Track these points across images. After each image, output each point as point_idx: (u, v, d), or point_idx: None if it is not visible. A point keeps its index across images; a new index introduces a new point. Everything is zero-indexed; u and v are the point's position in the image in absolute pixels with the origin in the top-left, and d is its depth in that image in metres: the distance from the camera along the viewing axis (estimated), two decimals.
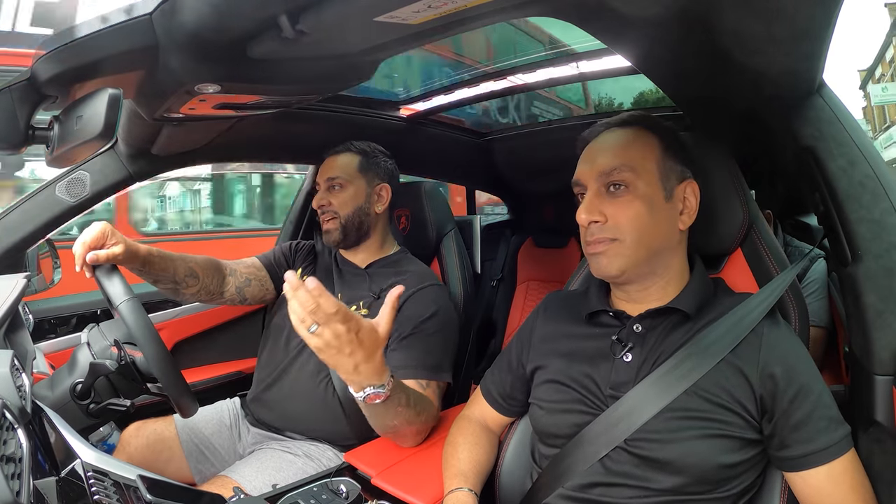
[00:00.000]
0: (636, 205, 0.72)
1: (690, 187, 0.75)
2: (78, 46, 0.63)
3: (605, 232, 0.73)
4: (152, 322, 0.89)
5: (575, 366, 0.77)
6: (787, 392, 0.66)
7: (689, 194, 0.75)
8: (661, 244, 0.74)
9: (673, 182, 0.74)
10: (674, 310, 0.74)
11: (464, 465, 0.84)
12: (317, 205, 1.24)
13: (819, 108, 0.75)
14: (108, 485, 0.58)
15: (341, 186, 1.23)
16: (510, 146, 1.98)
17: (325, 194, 1.24)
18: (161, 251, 1.10)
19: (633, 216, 0.72)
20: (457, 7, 0.57)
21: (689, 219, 0.75)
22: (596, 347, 0.77)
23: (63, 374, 0.91)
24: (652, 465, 0.68)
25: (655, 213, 0.72)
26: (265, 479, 1.03)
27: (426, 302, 1.14)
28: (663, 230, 0.73)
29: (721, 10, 0.59)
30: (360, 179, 1.24)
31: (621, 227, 0.72)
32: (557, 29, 1.24)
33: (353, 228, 1.23)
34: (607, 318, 0.79)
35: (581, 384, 0.76)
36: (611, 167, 0.73)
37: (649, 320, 0.75)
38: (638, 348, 0.74)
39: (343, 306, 0.71)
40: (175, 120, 0.89)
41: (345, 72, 0.81)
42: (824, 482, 0.65)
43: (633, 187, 0.72)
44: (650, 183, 0.72)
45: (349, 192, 1.23)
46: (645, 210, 0.72)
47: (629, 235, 0.72)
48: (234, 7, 0.58)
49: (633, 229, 0.72)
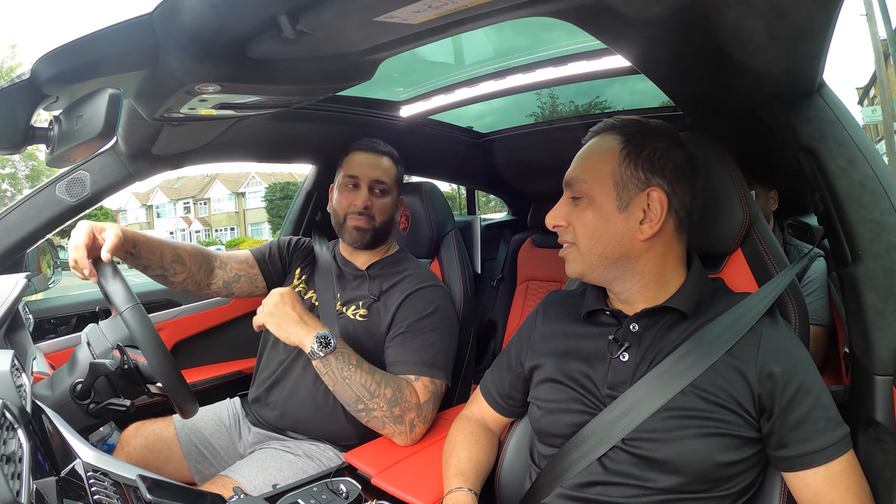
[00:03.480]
0: (588, 214, 0.75)
1: (656, 195, 0.72)
2: (78, 46, 0.63)
3: (566, 236, 0.77)
4: (153, 324, 0.90)
5: (573, 365, 0.78)
6: (787, 391, 0.66)
7: (655, 203, 0.72)
8: (618, 252, 0.74)
9: (631, 192, 0.73)
10: (670, 309, 0.74)
11: (463, 464, 0.84)
12: (361, 205, 1.20)
13: (819, 108, 0.75)
14: (108, 485, 0.58)
15: (384, 192, 1.23)
16: (510, 146, 1.98)
17: (369, 196, 1.21)
18: (148, 235, 1.10)
19: (585, 224, 0.75)
20: (457, 7, 0.57)
21: (650, 228, 0.72)
22: (593, 347, 0.78)
23: (63, 374, 0.91)
24: (650, 465, 0.68)
25: (608, 222, 0.73)
26: (265, 478, 1.03)
27: (425, 301, 1.15)
28: (616, 239, 0.73)
29: (721, 9, 0.59)
30: (395, 189, 1.26)
31: (577, 233, 0.76)
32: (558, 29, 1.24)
33: (383, 234, 1.25)
34: (605, 317, 0.80)
35: (579, 383, 0.76)
36: (571, 177, 0.77)
37: (646, 319, 0.75)
38: (634, 348, 0.74)
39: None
40: (175, 120, 0.89)
41: (345, 72, 0.81)
42: (822, 483, 0.65)
43: (588, 197, 0.75)
44: (602, 193, 0.74)
45: (389, 199, 1.24)
46: (595, 219, 0.74)
47: (582, 241, 0.75)
48: (234, 7, 0.58)
49: (584, 236, 0.75)
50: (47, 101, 0.69)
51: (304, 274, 1.30)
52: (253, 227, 32.12)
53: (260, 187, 31.34)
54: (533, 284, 2.19)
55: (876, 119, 11.58)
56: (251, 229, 32.18)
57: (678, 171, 0.74)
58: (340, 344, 1.00)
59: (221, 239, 30.56)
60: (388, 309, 1.15)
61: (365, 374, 1.00)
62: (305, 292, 1.26)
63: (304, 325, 0.99)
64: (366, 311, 1.16)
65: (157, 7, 0.62)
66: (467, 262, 1.42)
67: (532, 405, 0.83)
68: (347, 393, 1.00)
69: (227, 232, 33.14)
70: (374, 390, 1.00)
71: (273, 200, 27.76)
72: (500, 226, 2.54)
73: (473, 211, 2.69)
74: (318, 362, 0.99)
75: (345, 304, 1.19)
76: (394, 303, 1.14)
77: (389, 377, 1.04)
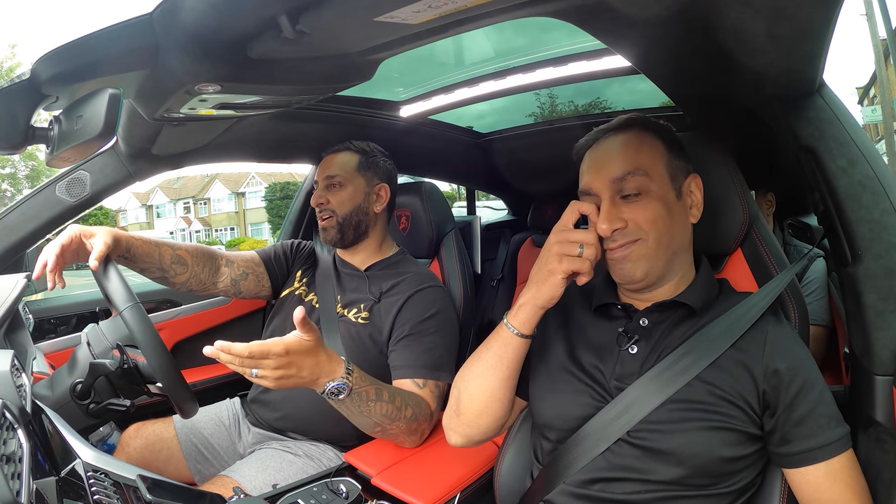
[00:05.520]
0: (654, 206, 0.72)
1: (695, 182, 0.77)
2: (78, 46, 0.63)
3: (628, 235, 0.72)
4: (153, 324, 0.90)
5: (583, 354, 0.78)
6: (791, 387, 0.67)
7: (695, 188, 0.77)
8: (679, 242, 0.75)
9: (680, 179, 0.76)
10: (680, 304, 0.75)
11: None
12: (315, 203, 1.23)
13: (819, 108, 0.75)
14: (108, 485, 0.58)
15: (340, 185, 1.22)
16: (510, 146, 1.98)
17: (323, 192, 1.23)
18: (145, 237, 1.10)
19: (653, 218, 0.72)
20: (457, 7, 0.57)
21: (697, 212, 0.77)
22: (603, 339, 0.78)
23: (63, 374, 0.91)
24: (654, 456, 0.69)
25: (671, 212, 0.73)
26: (265, 479, 1.03)
27: (426, 303, 1.14)
28: (679, 228, 0.75)
29: (721, 10, 0.59)
30: (359, 178, 1.24)
31: (643, 229, 0.72)
32: (558, 29, 1.24)
33: (351, 228, 1.23)
34: (615, 310, 0.80)
35: (588, 374, 0.77)
36: (623, 172, 0.73)
37: (656, 314, 0.76)
38: (644, 341, 0.75)
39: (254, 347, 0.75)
40: (175, 120, 0.89)
41: (345, 72, 0.81)
42: (822, 479, 0.66)
43: (647, 190, 0.72)
44: (662, 184, 0.73)
45: (348, 191, 1.22)
46: (663, 211, 0.72)
47: (651, 235, 0.72)
48: (234, 7, 0.58)
49: (653, 230, 0.72)
50: (47, 101, 0.69)
51: (305, 276, 1.30)
52: (253, 227, 32.11)
53: (260, 187, 31.32)
54: None
55: (876, 119, 11.63)
56: (251, 229, 32.17)
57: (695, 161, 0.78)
58: (356, 381, 0.87)
59: (221, 239, 30.54)
60: (389, 311, 1.15)
61: (385, 405, 0.93)
62: (306, 294, 1.26)
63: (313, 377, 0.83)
64: (367, 313, 1.16)
65: (157, 7, 0.62)
66: (467, 262, 1.42)
67: (537, 393, 0.81)
68: (366, 423, 0.94)
69: (227, 232, 33.12)
70: (394, 416, 0.95)
71: (273, 200, 27.74)
72: (500, 226, 2.54)
73: (473, 211, 2.69)
74: (332, 402, 0.89)
75: (346, 307, 1.19)
76: (395, 305, 1.14)
77: (407, 395, 0.99)
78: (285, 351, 0.76)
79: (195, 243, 1.23)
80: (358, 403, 0.89)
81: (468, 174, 2.32)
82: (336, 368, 0.84)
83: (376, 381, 0.93)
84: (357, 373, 0.87)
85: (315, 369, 0.81)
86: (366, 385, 0.89)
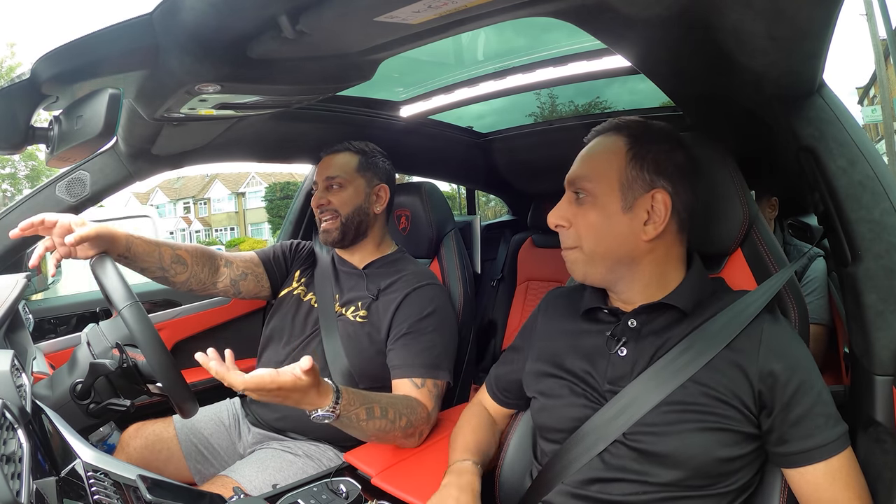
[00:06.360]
0: (592, 213, 0.74)
1: (661, 196, 0.72)
2: (78, 46, 0.63)
3: (569, 240, 0.77)
4: (153, 323, 0.89)
5: (574, 361, 0.78)
6: (788, 387, 0.67)
7: (659, 203, 0.72)
8: (621, 253, 0.74)
9: (636, 192, 0.73)
10: (668, 306, 0.75)
11: (469, 443, 0.88)
12: (316, 205, 1.23)
13: (819, 108, 0.75)
14: (108, 485, 0.58)
15: (341, 186, 1.22)
16: (510, 146, 1.98)
17: (324, 193, 1.23)
18: (145, 238, 1.09)
19: (589, 224, 0.74)
20: (457, 7, 0.57)
21: (654, 230, 0.72)
22: (592, 343, 0.78)
23: (63, 374, 0.91)
24: (650, 459, 0.69)
25: (612, 222, 0.73)
26: (266, 479, 1.04)
27: (424, 301, 1.14)
28: (620, 240, 0.73)
29: (721, 10, 0.59)
30: (359, 179, 1.24)
31: (580, 234, 0.75)
32: (558, 29, 1.24)
33: (352, 228, 1.23)
34: (603, 314, 0.80)
35: (581, 379, 0.77)
36: (575, 176, 0.77)
37: (644, 316, 0.76)
38: (632, 343, 0.75)
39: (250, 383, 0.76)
40: (175, 120, 0.89)
41: (345, 72, 0.81)
42: (822, 479, 0.66)
43: (592, 196, 0.74)
44: (607, 193, 0.73)
45: (349, 191, 1.22)
46: (600, 219, 0.73)
47: (586, 243, 0.75)
48: (234, 7, 0.58)
49: (588, 237, 0.74)
50: (47, 101, 0.69)
51: (304, 276, 1.30)
52: (253, 227, 32.10)
53: (260, 187, 31.32)
54: (533, 284, 2.19)
55: (876, 119, 11.63)
56: (251, 229, 32.16)
57: (681, 173, 0.74)
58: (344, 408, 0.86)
59: (221, 239, 30.51)
60: (387, 309, 1.15)
61: (377, 421, 0.92)
62: (304, 294, 1.26)
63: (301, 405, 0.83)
64: (365, 311, 1.16)
65: (157, 7, 0.62)
66: (467, 262, 1.42)
67: (534, 399, 0.83)
68: (360, 436, 0.96)
69: (227, 232, 33.12)
70: (388, 429, 0.95)
71: (273, 200, 27.73)
72: (500, 226, 2.54)
73: (473, 211, 2.69)
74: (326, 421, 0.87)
75: (344, 305, 1.19)
76: (392, 303, 1.14)
77: (401, 404, 0.98)
78: (278, 388, 0.77)
79: (194, 243, 1.23)
80: (347, 426, 0.89)
81: (468, 174, 2.32)
82: (323, 401, 0.83)
83: (368, 400, 0.91)
84: (346, 399, 0.86)
85: (301, 401, 0.81)
86: (355, 408, 0.88)
